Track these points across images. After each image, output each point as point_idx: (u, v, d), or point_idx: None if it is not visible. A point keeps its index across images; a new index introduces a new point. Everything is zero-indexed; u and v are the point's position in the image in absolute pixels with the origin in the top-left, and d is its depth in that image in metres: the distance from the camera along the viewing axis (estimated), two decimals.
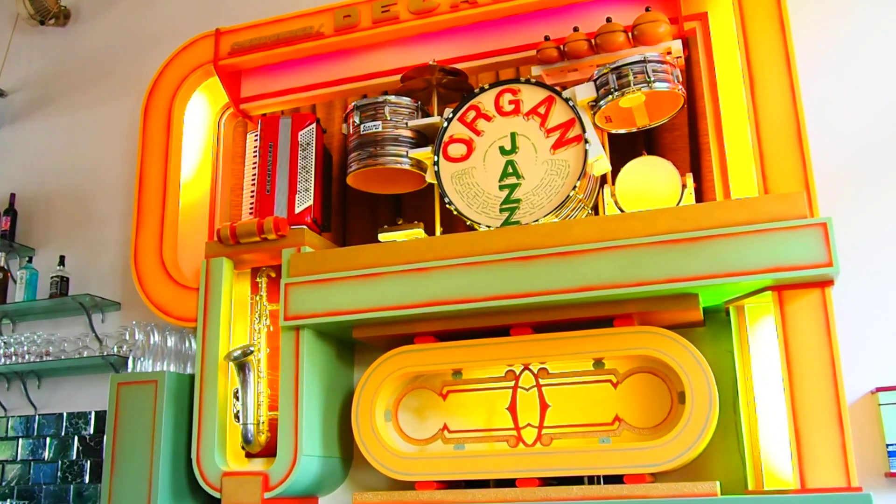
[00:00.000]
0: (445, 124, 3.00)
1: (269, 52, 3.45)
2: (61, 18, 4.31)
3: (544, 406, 2.72)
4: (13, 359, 3.66)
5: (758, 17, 2.78)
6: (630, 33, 2.83)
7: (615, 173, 2.83)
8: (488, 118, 2.97)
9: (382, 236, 3.02)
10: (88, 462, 3.57)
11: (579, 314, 2.63)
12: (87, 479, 3.55)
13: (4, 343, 3.70)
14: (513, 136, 2.91)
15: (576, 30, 2.92)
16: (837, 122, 2.87)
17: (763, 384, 2.56)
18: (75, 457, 3.61)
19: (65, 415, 3.69)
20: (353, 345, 3.22)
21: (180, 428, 3.02)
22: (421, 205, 3.24)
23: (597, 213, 2.92)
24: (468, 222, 2.88)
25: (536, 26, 3.16)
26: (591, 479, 2.60)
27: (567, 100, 2.85)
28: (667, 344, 2.54)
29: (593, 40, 2.87)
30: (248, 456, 3.03)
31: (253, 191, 3.22)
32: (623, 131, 2.92)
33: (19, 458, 3.71)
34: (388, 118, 3.05)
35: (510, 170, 2.87)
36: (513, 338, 2.72)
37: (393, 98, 3.09)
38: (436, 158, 2.97)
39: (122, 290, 3.75)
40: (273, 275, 3.14)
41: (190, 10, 4.03)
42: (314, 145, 3.21)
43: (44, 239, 4.02)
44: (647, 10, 2.85)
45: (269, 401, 3.00)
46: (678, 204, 2.69)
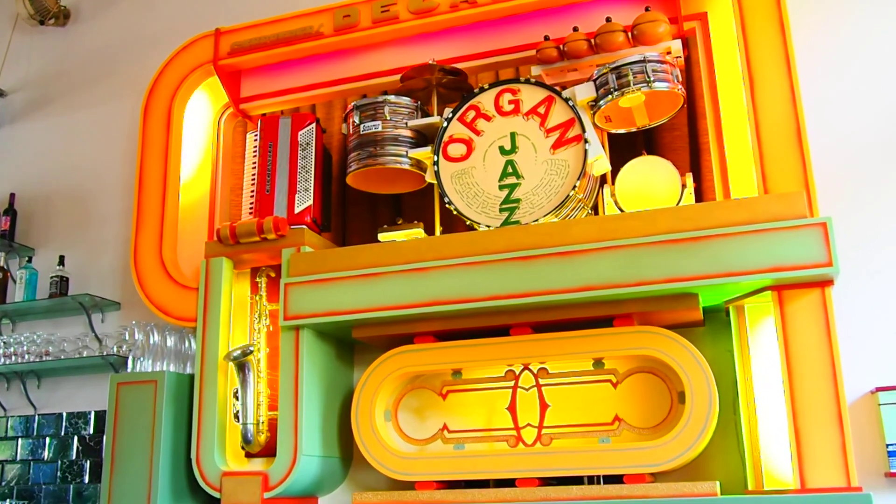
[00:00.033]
0: (445, 124, 3.00)
1: (269, 51, 3.45)
2: (61, 18, 4.31)
3: (544, 406, 2.72)
4: (13, 359, 3.66)
5: (757, 16, 2.78)
6: (630, 33, 2.83)
7: (615, 173, 2.83)
8: (488, 118, 2.97)
9: (382, 236, 3.02)
10: (88, 462, 3.57)
11: (579, 314, 2.63)
12: (86, 479, 3.55)
13: (4, 343, 3.69)
14: (512, 135, 2.91)
15: (575, 30, 2.92)
16: (837, 121, 2.87)
17: (763, 384, 2.56)
18: (75, 457, 3.61)
19: (64, 415, 3.69)
20: (352, 345, 3.22)
21: (180, 428, 3.02)
22: (421, 205, 3.24)
23: (596, 212, 2.92)
24: (468, 222, 2.88)
25: (536, 26, 3.16)
26: (591, 479, 2.60)
27: (567, 99, 2.85)
28: (667, 344, 2.54)
29: (593, 40, 2.87)
30: (248, 456, 3.03)
31: (253, 190, 3.22)
32: (623, 131, 2.92)
33: (19, 457, 3.71)
34: (388, 118, 3.05)
35: (510, 169, 2.87)
36: (512, 338, 2.72)
37: (392, 98, 3.08)
38: (435, 158, 2.97)
39: (121, 289, 3.75)
40: (273, 275, 3.14)
41: (190, 10, 4.03)
42: (314, 145, 3.21)
43: (43, 239, 4.02)
44: (646, 9, 2.85)
45: (268, 401, 3.00)
46: (678, 204, 2.69)
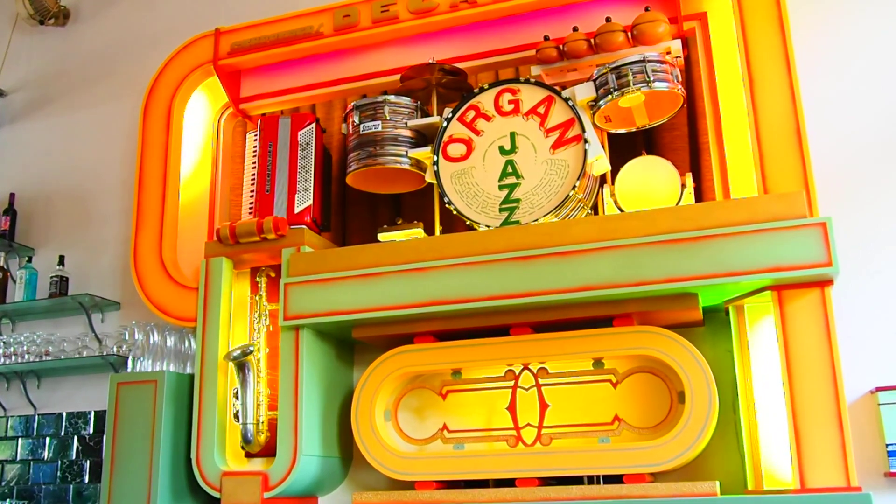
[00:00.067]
0: (445, 124, 3.00)
1: (269, 51, 3.45)
2: (61, 18, 4.31)
3: (544, 406, 2.72)
4: (13, 358, 3.66)
5: (757, 16, 2.78)
6: (629, 33, 2.83)
7: (615, 173, 2.83)
8: (488, 118, 2.97)
9: (382, 236, 3.02)
10: (88, 462, 3.57)
11: (579, 314, 2.63)
12: (86, 479, 3.55)
13: (4, 343, 3.70)
14: (512, 135, 2.91)
15: (575, 29, 2.92)
16: (837, 121, 2.87)
17: (763, 384, 2.56)
18: (75, 456, 3.61)
19: (64, 414, 3.69)
20: (352, 344, 3.22)
21: (180, 428, 3.02)
22: (420, 204, 3.23)
23: (596, 212, 2.92)
24: (468, 222, 2.88)
25: (536, 26, 3.16)
26: (591, 479, 2.60)
27: (566, 99, 2.85)
28: (666, 344, 2.54)
29: (593, 40, 2.87)
30: (248, 456, 3.03)
31: (252, 190, 3.22)
32: (622, 131, 2.92)
33: (19, 457, 3.71)
34: (388, 118, 3.05)
35: (510, 169, 2.87)
36: (512, 337, 2.72)
37: (392, 98, 3.08)
38: (435, 158, 2.97)
39: (121, 289, 3.75)
40: (272, 274, 3.14)
41: (190, 10, 4.03)
42: (314, 145, 3.21)
43: (43, 239, 4.02)
44: (646, 9, 2.84)
45: (268, 400, 3.00)
46: (678, 204, 2.69)
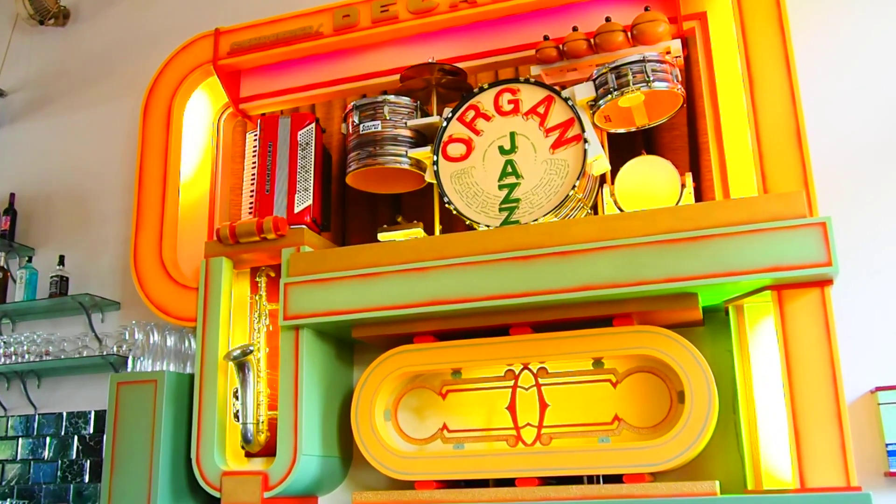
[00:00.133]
0: (445, 124, 3.00)
1: (269, 51, 3.45)
2: (61, 18, 4.31)
3: (544, 405, 2.72)
4: (13, 358, 3.66)
5: (757, 16, 2.78)
6: (629, 33, 2.83)
7: (614, 173, 2.83)
8: (487, 118, 2.97)
9: (382, 236, 3.02)
10: (88, 461, 3.58)
11: (578, 314, 2.63)
12: (86, 479, 3.56)
13: (4, 343, 3.70)
14: (512, 135, 2.91)
15: (575, 29, 2.92)
16: (837, 121, 2.87)
17: (762, 384, 2.56)
18: (75, 456, 3.61)
19: (64, 414, 3.69)
20: (352, 344, 3.22)
21: (180, 427, 3.02)
22: (420, 204, 3.23)
23: (596, 212, 2.92)
24: (467, 222, 2.88)
25: (535, 26, 3.16)
26: (591, 479, 2.60)
27: (566, 99, 2.85)
28: (666, 343, 2.54)
29: (592, 40, 2.87)
30: (248, 455, 3.04)
31: (252, 190, 3.22)
32: (622, 131, 2.92)
33: (19, 457, 3.71)
34: (388, 118, 3.05)
35: (509, 169, 2.87)
36: (512, 337, 2.72)
37: (392, 98, 3.08)
38: (435, 158, 2.97)
39: (121, 289, 3.75)
40: (272, 274, 3.14)
41: (189, 10, 4.03)
42: (313, 145, 3.21)
43: (43, 239, 4.02)
44: (646, 9, 2.84)
45: (268, 400, 3.00)
46: (677, 203, 2.69)
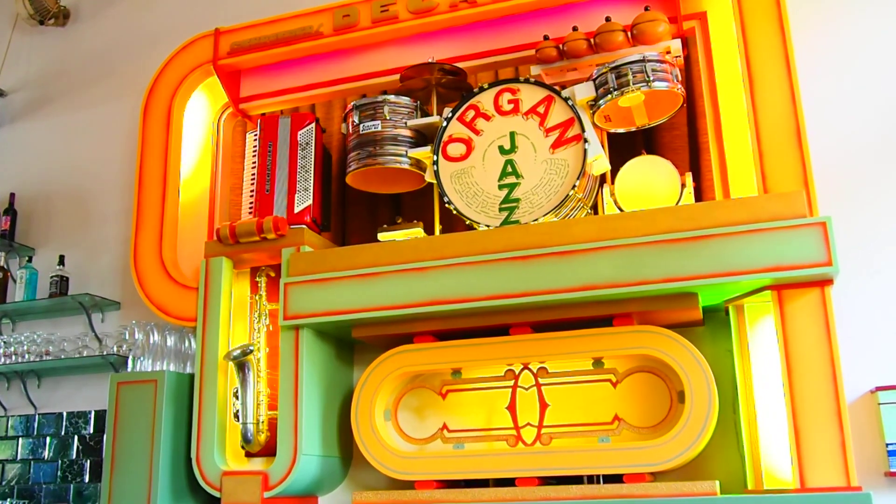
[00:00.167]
0: (444, 124, 3.00)
1: (269, 51, 3.45)
2: (61, 18, 4.31)
3: (544, 405, 2.72)
4: (13, 358, 3.66)
5: (757, 16, 2.78)
6: (629, 32, 2.83)
7: (614, 172, 2.83)
8: (487, 118, 2.97)
9: (382, 236, 3.02)
10: (88, 461, 3.58)
11: (579, 313, 2.63)
12: (86, 479, 3.56)
13: (4, 343, 3.70)
14: (512, 135, 2.91)
15: (575, 29, 2.92)
16: (837, 121, 2.86)
17: (763, 384, 2.56)
18: (75, 456, 3.61)
19: (65, 414, 3.69)
20: (352, 344, 3.22)
21: (180, 427, 3.02)
22: (420, 204, 3.23)
23: (596, 212, 2.92)
24: (467, 222, 2.88)
25: (535, 26, 3.16)
26: (591, 479, 2.60)
27: (566, 99, 2.85)
28: (666, 343, 2.54)
29: (592, 40, 2.87)
30: (248, 455, 3.04)
31: (252, 190, 3.22)
32: (622, 130, 2.92)
33: (19, 457, 3.71)
34: (388, 118, 3.05)
35: (509, 169, 2.87)
36: (512, 337, 2.72)
37: (392, 97, 3.08)
38: (435, 158, 2.97)
39: (121, 289, 3.75)
40: (272, 274, 3.14)
41: (189, 10, 4.03)
42: (313, 145, 3.21)
43: (43, 238, 4.02)
44: (646, 9, 2.84)
45: (268, 400, 3.00)
46: (677, 203, 2.69)
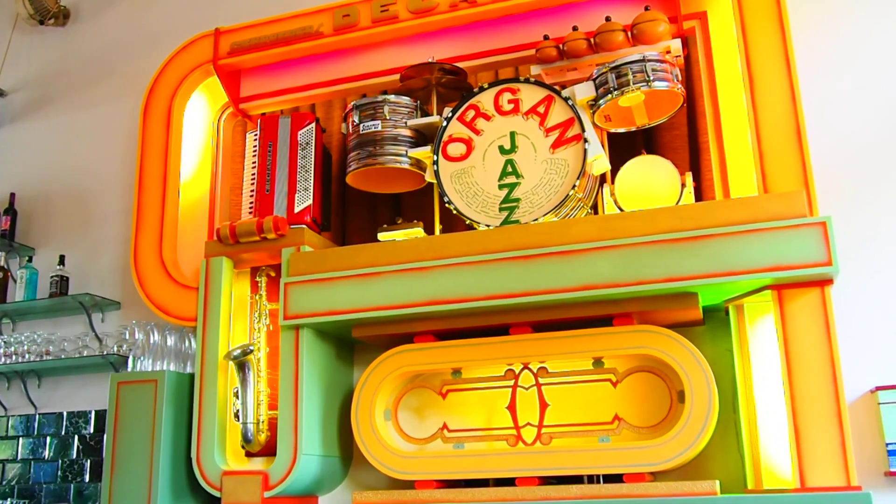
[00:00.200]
0: (445, 123, 3.00)
1: (269, 51, 3.45)
2: (61, 18, 4.31)
3: (544, 405, 2.72)
4: (13, 358, 3.66)
5: (757, 16, 2.78)
6: (629, 32, 2.83)
7: (614, 172, 2.83)
8: (487, 117, 2.97)
9: (382, 235, 3.02)
10: (88, 461, 3.58)
11: (579, 313, 2.63)
12: (87, 478, 3.56)
13: (4, 342, 3.70)
14: (512, 135, 2.91)
15: (575, 29, 2.92)
16: (837, 121, 2.87)
17: (763, 383, 2.57)
18: (75, 456, 3.61)
19: (65, 414, 3.69)
20: (352, 344, 3.22)
21: (180, 427, 3.02)
22: (420, 204, 3.24)
23: (596, 212, 2.92)
24: (467, 221, 2.88)
25: (535, 25, 3.16)
26: (591, 478, 2.60)
27: (566, 99, 2.85)
28: (666, 343, 2.54)
29: (592, 39, 2.87)
30: (248, 455, 3.04)
31: (252, 190, 3.22)
32: (622, 130, 2.92)
33: (19, 457, 3.71)
34: (388, 117, 3.05)
35: (509, 169, 2.87)
36: (512, 337, 2.72)
37: (392, 97, 3.08)
38: (435, 158, 2.97)
39: (121, 289, 3.75)
40: (272, 274, 3.14)
41: (189, 10, 4.03)
42: (313, 145, 3.21)
43: (44, 238, 4.02)
44: (646, 9, 2.84)
45: (268, 400, 3.00)
46: (677, 203, 2.69)
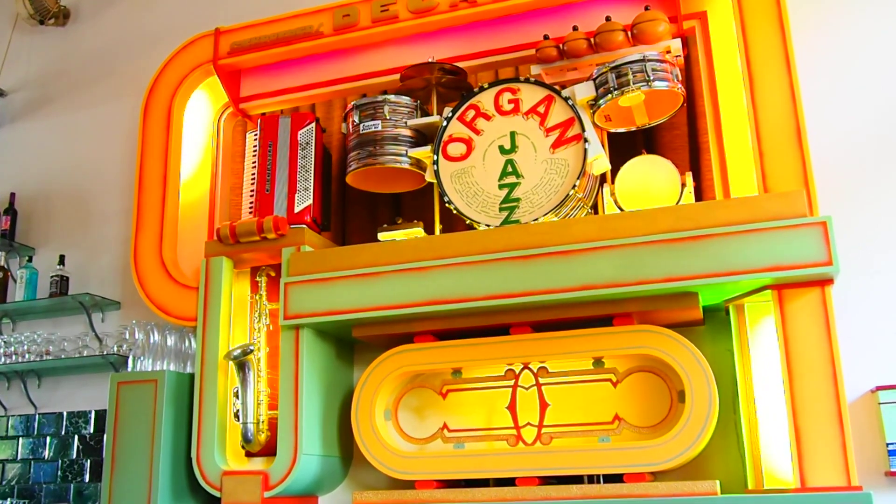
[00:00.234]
0: (445, 123, 3.00)
1: (269, 51, 3.45)
2: (61, 18, 4.31)
3: (544, 405, 2.72)
4: (13, 358, 3.66)
5: (757, 16, 2.78)
6: (629, 32, 2.82)
7: (615, 172, 2.83)
8: (488, 117, 2.97)
9: (382, 235, 3.02)
10: (88, 461, 3.58)
11: (579, 313, 2.63)
12: (87, 478, 3.55)
13: (4, 342, 3.70)
14: (512, 135, 2.91)
15: (575, 29, 2.92)
16: (837, 121, 2.86)
17: (763, 383, 2.56)
18: (75, 456, 3.61)
19: (65, 414, 3.69)
20: (352, 344, 3.22)
21: (180, 427, 3.02)
22: (420, 204, 3.24)
23: (596, 211, 2.91)
24: (468, 221, 2.88)
25: (535, 25, 3.16)
26: (591, 478, 2.60)
27: (566, 99, 2.85)
28: (666, 343, 2.54)
29: (592, 39, 2.87)
30: (248, 455, 3.04)
31: (252, 190, 3.22)
32: (622, 130, 2.92)
33: (19, 457, 3.71)
34: (388, 117, 3.05)
35: (509, 169, 2.87)
36: (512, 337, 2.72)
37: (392, 97, 3.08)
38: (435, 157, 2.97)
39: (121, 289, 3.75)
40: (273, 274, 3.14)
41: (189, 10, 4.03)
42: (314, 144, 3.21)
43: (44, 238, 4.02)
44: (646, 8, 2.84)
45: (268, 400, 3.00)
46: (678, 203, 2.69)
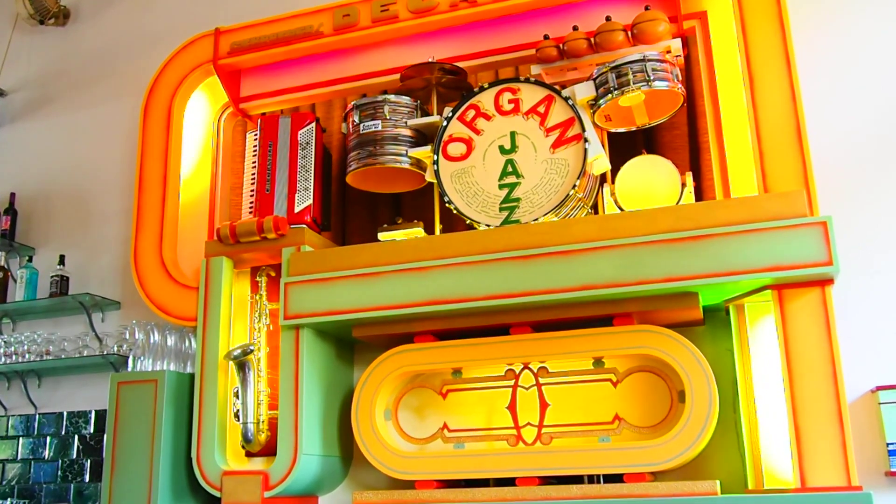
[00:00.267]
0: (445, 123, 3.00)
1: (269, 51, 3.45)
2: (61, 18, 4.31)
3: (544, 405, 2.72)
4: (13, 358, 3.66)
5: (757, 15, 2.78)
6: (629, 32, 2.82)
7: (615, 172, 2.83)
8: (488, 117, 2.97)
9: (382, 235, 3.02)
10: (89, 461, 3.58)
11: (579, 313, 2.63)
12: (87, 478, 3.56)
13: (4, 342, 3.70)
14: (512, 135, 2.91)
15: (575, 29, 2.92)
16: (837, 121, 2.86)
17: (763, 383, 2.56)
18: (75, 456, 3.61)
19: (65, 414, 3.69)
20: (352, 344, 3.22)
21: (180, 427, 3.02)
22: (420, 204, 3.24)
23: (596, 211, 2.91)
24: (468, 221, 2.88)
25: (535, 25, 3.16)
26: (591, 478, 2.60)
27: (566, 99, 2.85)
28: (667, 343, 2.54)
29: (593, 39, 2.87)
30: (248, 455, 3.04)
31: (252, 190, 3.22)
32: (622, 130, 2.92)
33: (20, 457, 3.71)
34: (388, 117, 3.05)
35: (510, 169, 2.87)
36: (512, 337, 2.72)
37: (392, 97, 3.08)
38: (435, 157, 2.97)
39: (121, 289, 3.75)
40: (273, 274, 3.14)
41: (189, 10, 4.03)
42: (314, 144, 3.21)
43: (44, 238, 4.02)
44: (646, 8, 2.84)
45: (269, 400, 3.00)
46: (678, 203, 2.69)
